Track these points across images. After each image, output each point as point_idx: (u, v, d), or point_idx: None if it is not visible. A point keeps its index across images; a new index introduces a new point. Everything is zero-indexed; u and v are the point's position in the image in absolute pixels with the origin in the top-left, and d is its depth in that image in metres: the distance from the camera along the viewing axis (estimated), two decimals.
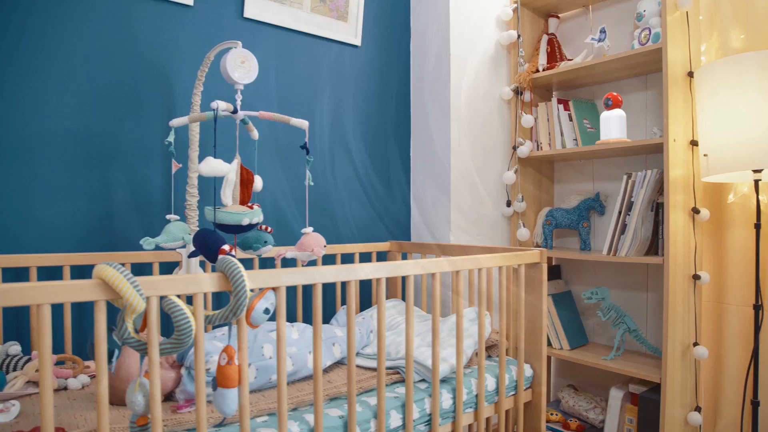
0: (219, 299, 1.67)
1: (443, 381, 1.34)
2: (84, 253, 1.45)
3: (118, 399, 1.21)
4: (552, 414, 2.01)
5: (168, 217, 1.40)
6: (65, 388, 1.27)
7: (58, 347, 1.44)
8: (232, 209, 1.28)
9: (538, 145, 2.11)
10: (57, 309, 1.44)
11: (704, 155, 1.57)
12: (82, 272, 1.49)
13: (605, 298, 1.88)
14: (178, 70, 1.64)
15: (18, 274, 1.41)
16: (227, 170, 1.21)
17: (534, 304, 1.50)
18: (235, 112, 1.32)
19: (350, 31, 1.95)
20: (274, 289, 1.02)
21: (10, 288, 0.78)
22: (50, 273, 1.44)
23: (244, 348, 0.99)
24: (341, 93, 1.98)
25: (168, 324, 1.58)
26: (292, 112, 1.86)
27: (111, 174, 1.54)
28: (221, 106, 1.25)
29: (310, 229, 1.34)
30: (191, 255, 1.23)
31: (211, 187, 1.67)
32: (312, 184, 1.35)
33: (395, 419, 1.21)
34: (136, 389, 0.91)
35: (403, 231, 2.15)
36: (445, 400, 1.31)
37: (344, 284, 1.91)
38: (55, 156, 1.46)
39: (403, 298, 2.01)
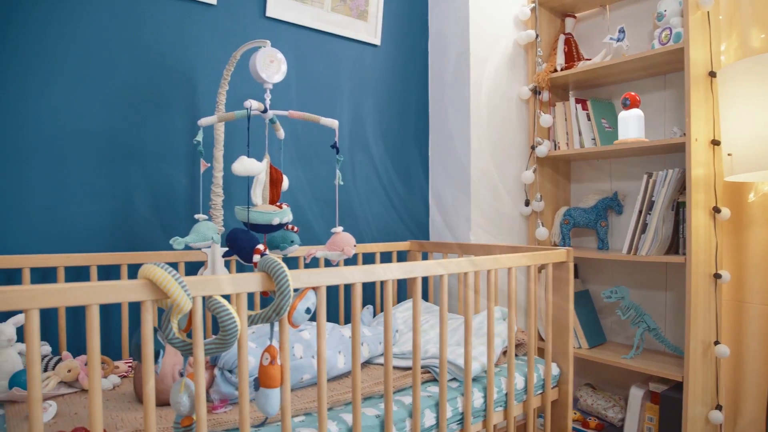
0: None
1: (473, 380, 1.34)
2: (110, 253, 1.44)
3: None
4: None
5: (197, 216, 1.39)
6: None
7: (84, 347, 1.43)
8: (262, 209, 1.28)
9: (555, 145, 2.11)
10: (82, 309, 1.43)
11: (728, 155, 1.58)
12: (107, 272, 1.48)
13: (624, 297, 1.88)
14: (200, 69, 1.63)
15: (45, 274, 1.40)
16: (261, 169, 1.21)
17: (560, 304, 1.50)
18: (265, 111, 1.32)
19: (370, 30, 1.95)
20: (314, 288, 1.02)
21: (60, 288, 0.78)
22: (76, 273, 1.43)
23: (285, 348, 0.98)
24: (361, 92, 1.98)
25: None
26: (311, 111, 1.85)
27: (135, 173, 1.53)
28: (254, 105, 1.25)
29: (339, 229, 1.34)
30: (225, 255, 1.23)
31: (234, 186, 1.66)
32: (342, 183, 1.35)
33: (429, 418, 1.21)
34: (181, 390, 0.91)
35: (422, 230, 2.15)
36: (477, 399, 1.31)
37: (364, 284, 1.91)
38: (81, 156, 1.46)
39: (425, 298, 2.01)
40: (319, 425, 1.03)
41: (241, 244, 1.18)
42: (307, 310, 1.00)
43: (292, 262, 1.76)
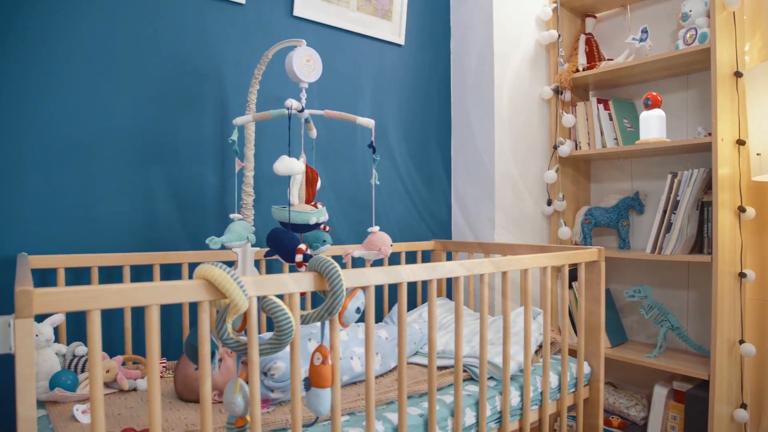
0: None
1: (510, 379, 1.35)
2: (143, 253, 1.44)
3: (187, 397, 1.21)
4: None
5: (232, 216, 1.39)
6: (135, 389, 1.26)
7: (118, 348, 1.43)
8: (300, 208, 1.28)
9: (577, 145, 2.12)
10: (117, 309, 1.42)
11: (757, 154, 1.59)
12: (139, 272, 1.48)
13: (648, 296, 1.89)
14: (229, 68, 1.63)
15: (78, 274, 1.40)
16: (302, 169, 1.20)
17: (592, 303, 1.51)
18: (301, 111, 1.32)
19: (394, 30, 1.95)
20: (363, 288, 1.02)
21: (123, 289, 0.77)
22: (110, 273, 1.43)
23: (336, 348, 0.98)
24: (384, 92, 1.98)
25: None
26: (335, 110, 1.86)
27: (164, 173, 1.53)
28: (294, 105, 1.25)
29: (376, 228, 1.34)
30: (267, 255, 1.23)
31: (265, 186, 1.66)
32: (378, 183, 1.35)
33: (469, 417, 1.22)
34: (236, 391, 0.91)
35: (444, 230, 2.15)
36: (513, 397, 1.31)
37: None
38: (113, 155, 1.45)
39: (449, 297, 2.01)
40: (366, 425, 1.03)
41: (283, 244, 1.18)
42: (357, 310, 1.00)
43: None
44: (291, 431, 1.05)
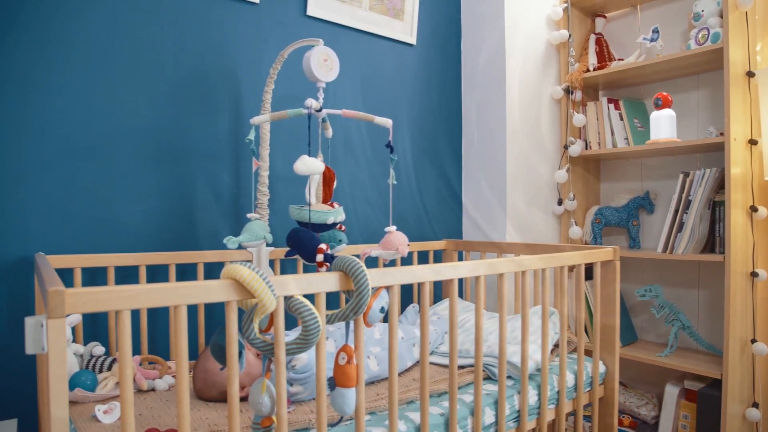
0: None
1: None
2: (159, 252, 1.43)
3: (207, 395, 1.20)
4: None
5: (249, 215, 1.39)
6: (153, 389, 1.26)
7: (133, 348, 1.42)
8: (317, 208, 1.27)
9: (587, 144, 2.12)
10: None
11: None
12: (155, 272, 1.47)
13: (659, 295, 1.90)
14: (243, 68, 1.63)
15: (94, 274, 1.39)
16: (322, 168, 1.20)
17: (607, 302, 1.51)
18: (319, 110, 1.32)
19: (406, 29, 1.95)
20: (387, 287, 1.02)
21: (150, 289, 0.77)
22: (126, 273, 1.42)
23: (360, 347, 0.98)
24: (396, 91, 1.98)
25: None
26: (347, 109, 1.86)
27: (181, 172, 1.52)
28: (314, 104, 1.24)
29: (393, 228, 1.34)
30: (288, 255, 1.23)
31: (278, 185, 1.66)
32: (395, 182, 1.35)
33: (489, 416, 1.22)
34: (262, 391, 0.91)
35: (454, 230, 2.15)
36: (531, 396, 1.32)
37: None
38: (129, 154, 1.45)
39: (460, 296, 2.01)
40: (390, 424, 1.03)
41: (304, 243, 1.18)
42: (382, 309, 1.00)
43: None
44: (314, 431, 1.06)
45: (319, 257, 1.17)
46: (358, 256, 1.79)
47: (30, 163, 1.31)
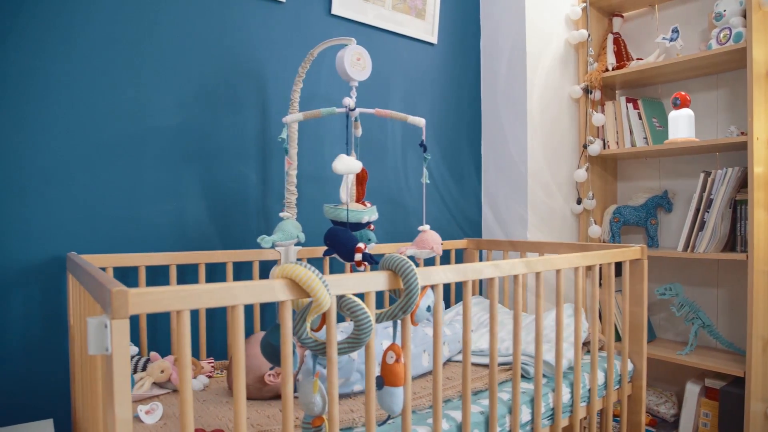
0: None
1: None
2: (189, 252, 1.43)
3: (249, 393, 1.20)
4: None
5: (282, 215, 1.39)
6: None
7: (162, 347, 1.42)
8: (352, 207, 1.27)
9: (605, 144, 2.13)
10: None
11: None
12: (184, 271, 1.47)
13: (679, 294, 1.91)
14: (269, 66, 1.62)
15: (124, 274, 1.38)
16: (360, 168, 1.20)
17: (635, 301, 1.52)
18: (353, 109, 1.32)
19: (427, 29, 1.95)
20: (432, 286, 1.02)
21: (209, 289, 0.77)
22: (155, 273, 1.42)
23: (408, 346, 0.98)
24: (417, 90, 1.98)
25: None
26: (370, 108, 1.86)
27: (209, 172, 1.52)
28: (351, 104, 1.24)
29: (427, 227, 1.35)
30: (326, 254, 1.23)
31: (304, 184, 1.65)
32: (428, 181, 1.35)
33: (525, 414, 1.22)
34: (314, 391, 0.90)
35: (474, 229, 2.15)
36: (564, 394, 1.32)
37: None
38: (157, 153, 1.44)
39: (481, 295, 2.01)
40: (434, 423, 1.03)
41: (342, 242, 1.18)
42: (428, 308, 1.00)
43: None
44: (358, 430, 1.05)
45: (358, 256, 1.17)
46: (376, 255, 1.79)
47: (59, 163, 1.30)
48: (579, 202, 2.13)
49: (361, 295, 0.93)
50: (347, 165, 1.17)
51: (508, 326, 1.58)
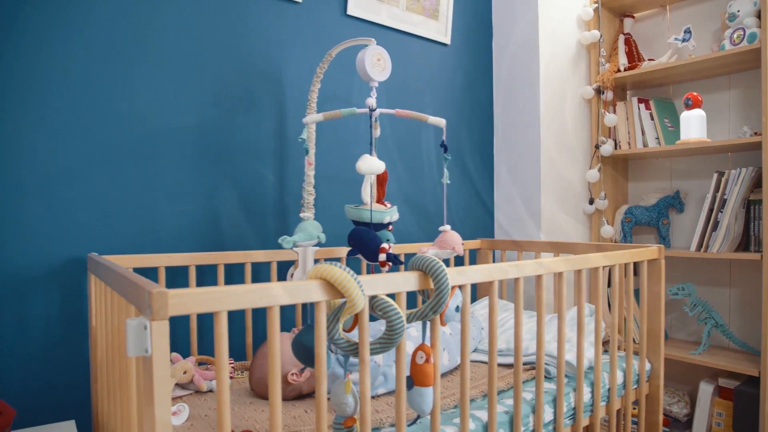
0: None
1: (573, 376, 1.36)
2: (208, 252, 1.43)
3: (263, 391, 1.20)
4: (635, 408, 2.04)
5: (302, 215, 1.38)
6: (211, 390, 1.25)
7: (182, 349, 1.41)
8: (375, 208, 1.27)
9: (616, 144, 2.14)
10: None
11: None
12: (203, 272, 1.46)
13: (692, 294, 1.91)
14: (286, 66, 1.62)
15: (143, 274, 1.37)
16: (383, 168, 1.20)
17: (652, 301, 1.52)
18: (373, 110, 1.32)
19: (441, 29, 1.95)
20: (460, 286, 1.02)
21: (246, 290, 0.76)
22: (173, 273, 1.42)
23: (437, 346, 0.99)
24: (430, 90, 1.98)
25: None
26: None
27: (226, 172, 1.52)
28: (374, 105, 1.24)
29: (448, 227, 1.35)
30: (349, 254, 1.22)
31: (321, 184, 1.65)
32: (449, 182, 1.35)
33: (547, 414, 1.22)
34: (347, 391, 0.90)
35: (486, 229, 2.15)
36: (585, 394, 1.33)
37: None
38: (175, 154, 1.44)
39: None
40: (461, 423, 1.03)
41: (366, 243, 1.18)
42: (457, 308, 1.00)
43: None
44: (385, 430, 1.05)
45: (382, 256, 1.17)
46: (400, 255, 1.80)
47: (78, 163, 1.29)
48: (591, 202, 2.13)
49: (391, 296, 0.93)
50: (371, 165, 1.17)
51: (525, 326, 1.58)
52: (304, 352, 0.90)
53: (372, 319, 1.64)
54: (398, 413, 0.94)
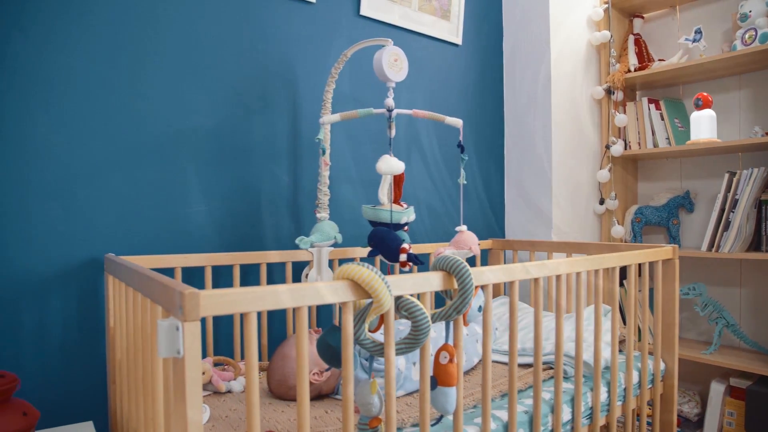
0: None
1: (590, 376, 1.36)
2: (225, 253, 1.43)
3: (281, 392, 1.20)
4: (649, 407, 2.04)
5: (318, 216, 1.38)
6: (229, 391, 1.25)
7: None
8: (393, 208, 1.28)
9: (626, 144, 2.14)
10: None
11: None
12: (219, 272, 1.46)
13: (702, 293, 1.92)
14: (301, 67, 1.62)
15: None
16: (402, 168, 1.20)
17: (667, 301, 1.53)
18: (391, 110, 1.32)
19: (452, 30, 1.96)
20: (482, 287, 1.02)
21: (273, 291, 0.76)
22: (190, 274, 1.41)
23: (460, 346, 0.99)
24: (442, 91, 1.98)
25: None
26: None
27: (242, 172, 1.52)
28: (392, 105, 1.24)
29: (464, 227, 1.35)
30: (370, 254, 1.23)
31: (334, 185, 1.65)
32: (465, 182, 1.35)
33: (566, 413, 1.23)
34: (373, 392, 0.90)
35: (496, 229, 2.16)
36: (601, 393, 1.33)
37: None
38: (191, 155, 1.44)
39: (505, 294, 2.01)
40: (483, 423, 1.04)
41: (386, 243, 1.18)
42: (479, 308, 1.01)
43: None
44: (407, 430, 1.05)
45: (403, 257, 1.17)
46: (420, 255, 1.79)
47: (96, 165, 1.29)
48: (602, 202, 2.14)
49: (416, 296, 0.93)
50: (390, 165, 1.17)
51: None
52: (330, 353, 0.90)
53: None
54: (422, 413, 0.94)
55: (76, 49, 1.26)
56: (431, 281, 0.93)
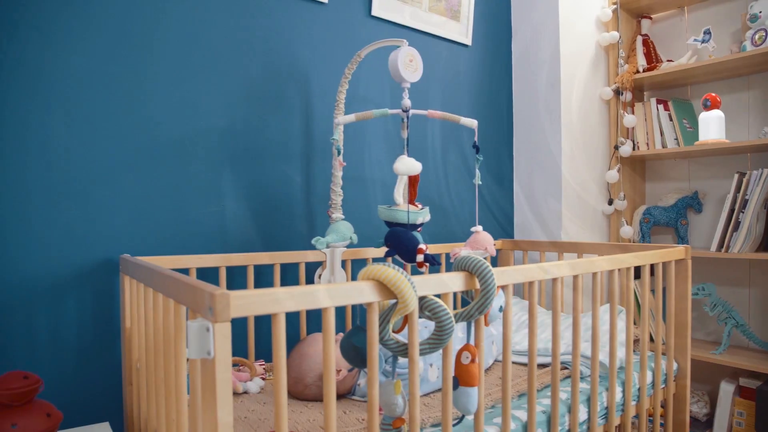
0: None
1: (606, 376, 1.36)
2: (239, 254, 1.43)
3: (298, 390, 1.21)
4: (661, 407, 2.05)
5: (333, 217, 1.38)
6: (246, 392, 1.25)
7: None
8: (406, 208, 1.28)
9: (634, 145, 2.15)
10: None
11: None
12: (233, 273, 1.46)
13: (712, 293, 1.92)
14: (313, 67, 1.62)
15: None
16: (420, 169, 1.20)
17: (679, 301, 1.53)
18: (406, 111, 1.32)
19: (462, 30, 1.96)
20: (503, 287, 1.02)
21: (303, 292, 0.76)
22: (203, 275, 1.41)
23: (481, 346, 0.99)
24: (452, 91, 1.99)
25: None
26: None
27: (255, 173, 1.52)
28: (409, 105, 1.25)
29: (479, 228, 1.35)
30: (387, 255, 1.23)
31: (351, 186, 1.65)
32: (480, 182, 1.35)
33: (582, 413, 1.23)
34: (397, 392, 0.90)
35: (507, 229, 2.16)
36: (616, 393, 1.33)
37: None
38: (205, 156, 1.43)
39: (517, 295, 2.02)
40: (503, 422, 1.04)
41: (404, 243, 1.18)
42: (500, 309, 1.01)
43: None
44: (427, 430, 1.06)
45: (420, 257, 1.17)
46: (437, 256, 1.80)
47: (110, 165, 1.29)
48: (610, 202, 2.14)
49: (438, 296, 0.93)
50: (408, 166, 1.17)
51: (549, 328, 1.58)
52: (354, 354, 0.90)
53: None
54: (444, 413, 0.94)
55: (92, 50, 1.26)
56: (454, 281, 0.93)
